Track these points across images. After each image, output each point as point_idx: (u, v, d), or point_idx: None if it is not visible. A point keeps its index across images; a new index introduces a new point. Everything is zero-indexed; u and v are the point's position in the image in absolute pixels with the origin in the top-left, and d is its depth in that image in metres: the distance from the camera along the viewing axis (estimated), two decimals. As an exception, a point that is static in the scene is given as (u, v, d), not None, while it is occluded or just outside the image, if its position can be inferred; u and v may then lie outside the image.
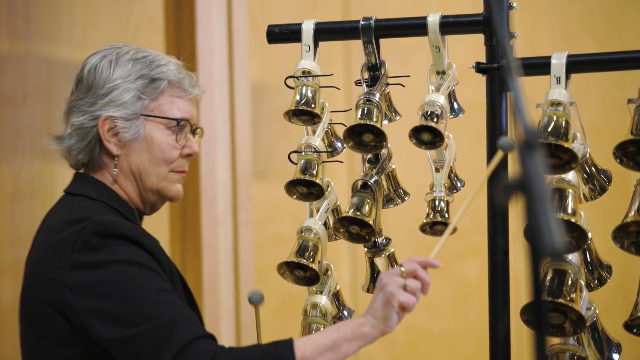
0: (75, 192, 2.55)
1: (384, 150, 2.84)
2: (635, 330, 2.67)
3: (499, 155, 2.51)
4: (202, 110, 4.39)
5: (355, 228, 2.81)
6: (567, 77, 2.66)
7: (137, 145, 2.54)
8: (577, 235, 2.59)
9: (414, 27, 2.79)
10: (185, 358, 2.28)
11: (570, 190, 2.62)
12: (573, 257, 2.62)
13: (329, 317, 2.83)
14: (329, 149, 2.87)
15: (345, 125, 2.78)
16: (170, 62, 2.59)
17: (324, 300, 2.83)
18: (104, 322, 2.34)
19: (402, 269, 2.37)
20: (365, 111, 2.76)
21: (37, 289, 2.43)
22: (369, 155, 2.85)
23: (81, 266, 2.37)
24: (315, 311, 2.83)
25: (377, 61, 2.81)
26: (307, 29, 2.84)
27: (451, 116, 2.79)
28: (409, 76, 2.81)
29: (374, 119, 2.75)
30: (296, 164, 2.82)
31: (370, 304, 2.40)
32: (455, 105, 2.84)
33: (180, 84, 2.58)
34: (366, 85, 2.82)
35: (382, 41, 2.82)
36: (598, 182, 2.72)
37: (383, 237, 2.88)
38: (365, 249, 2.89)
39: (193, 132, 2.61)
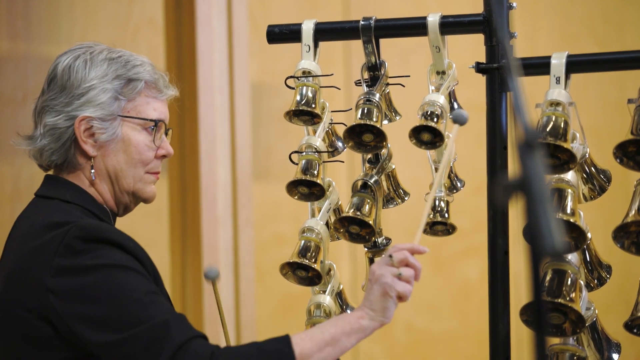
0: (48, 195, 2.50)
1: (384, 150, 2.84)
2: (635, 330, 2.67)
3: (455, 128, 2.53)
4: (202, 110, 4.39)
5: (356, 228, 2.81)
6: (567, 77, 2.66)
7: (114, 147, 2.50)
8: (576, 235, 2.59)
9: (414, 27, 2.79)
10: (183, 359, 2.27)
11: (569, 190, 2.62)
12: (572, 257, 2.62)
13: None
14: (330, 149, 2.87)
15: (345, 125, 2.78)
16: (145, 63, 2.55)
17: (327, 300, 2.83)
18: (94, 327, 2.31)
19: (392, 258, 2.37)
20: (365, 111, 2.76)
21: (16, 294, 2.38)
22: (369, 155, 2.85)
23: (66, 271, 2.34)
24: (319, 311, 2.83)
25: (377, 61, 2.81)
26: (307, 29, 2.84)
27: (451, 116, 2.79)
28: (409, 76, 2.81)
29: (374, 119, 2.75)
30: (297, 164, 2.82)
31: (365, 296, 2.39)
32: (455, 105, 2.84)
33: (156, 84, 2.55)
34: (366, 85, 2.82)
35: (382, 41, 2.82)
36: (597, 182, 2.72)
37: (383, 237, 2.88)
38: (366, 249, 2.89)
39: (165, 133, 2.59)
